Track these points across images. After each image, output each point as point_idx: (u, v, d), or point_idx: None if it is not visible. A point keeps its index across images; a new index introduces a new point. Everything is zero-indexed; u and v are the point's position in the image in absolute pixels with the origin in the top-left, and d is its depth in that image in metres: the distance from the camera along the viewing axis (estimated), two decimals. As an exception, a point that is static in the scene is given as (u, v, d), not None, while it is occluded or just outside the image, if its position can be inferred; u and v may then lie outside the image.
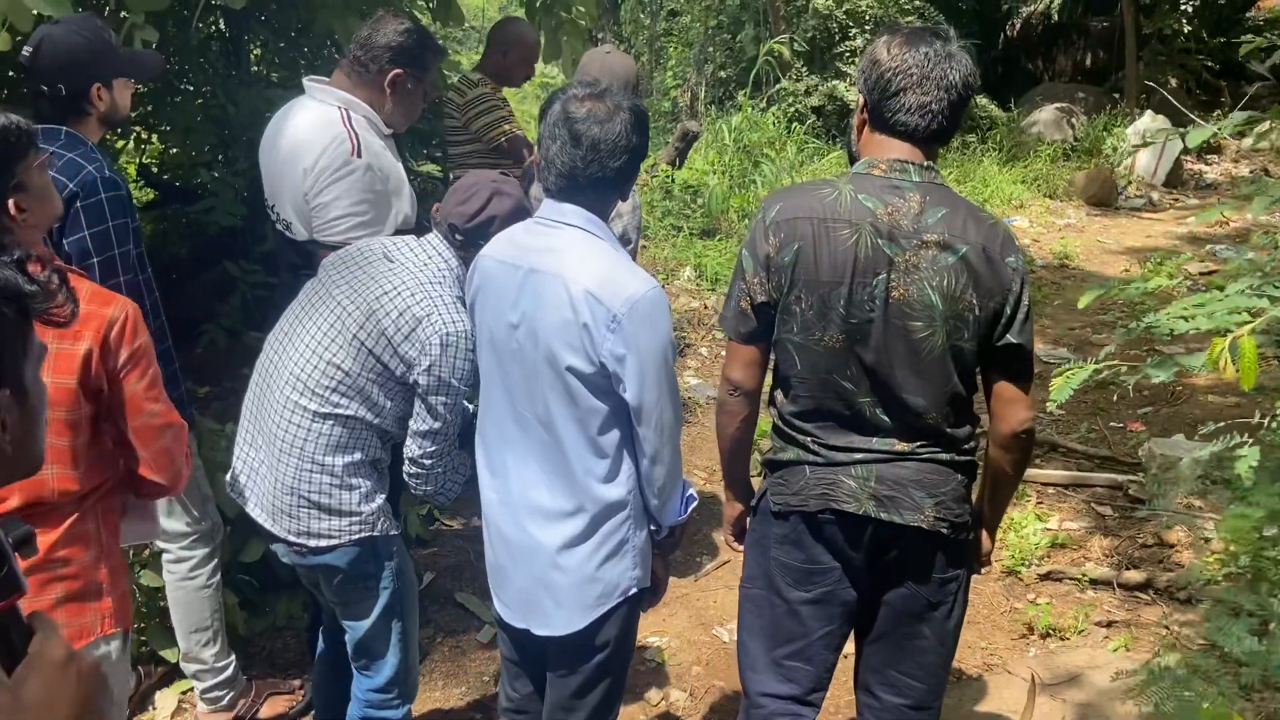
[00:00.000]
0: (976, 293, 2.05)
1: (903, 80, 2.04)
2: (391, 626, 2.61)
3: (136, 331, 2.03)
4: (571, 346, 2.07)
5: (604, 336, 2.04)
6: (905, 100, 2.05)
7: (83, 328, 1.95)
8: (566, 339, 2.07)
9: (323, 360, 2.41)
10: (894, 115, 2.07)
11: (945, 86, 2.04)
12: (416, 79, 3.04)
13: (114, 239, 2.59)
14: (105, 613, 2.07)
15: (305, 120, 2.97)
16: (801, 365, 2.14)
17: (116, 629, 2.10)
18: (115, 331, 1.99)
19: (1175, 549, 4.18)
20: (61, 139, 2.62)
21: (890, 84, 2.06)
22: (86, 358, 1.96)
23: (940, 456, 2.17)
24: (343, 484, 2.45)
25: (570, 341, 2.06)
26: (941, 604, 2.26)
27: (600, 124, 2.06)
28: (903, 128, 2.08)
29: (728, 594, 3.94)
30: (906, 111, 2.06)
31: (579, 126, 2.06)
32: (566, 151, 2.07)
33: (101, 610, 2.06)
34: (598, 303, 2.04)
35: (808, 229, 2.07)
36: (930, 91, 2.04)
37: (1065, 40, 15.13)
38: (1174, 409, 5.57)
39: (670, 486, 2.22)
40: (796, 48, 11.88)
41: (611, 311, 2.03)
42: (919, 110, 2.05)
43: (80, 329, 1.95)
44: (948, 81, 2.04)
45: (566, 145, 2.07)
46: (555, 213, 2.15)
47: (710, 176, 9.50)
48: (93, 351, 1.96)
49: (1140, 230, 9.71)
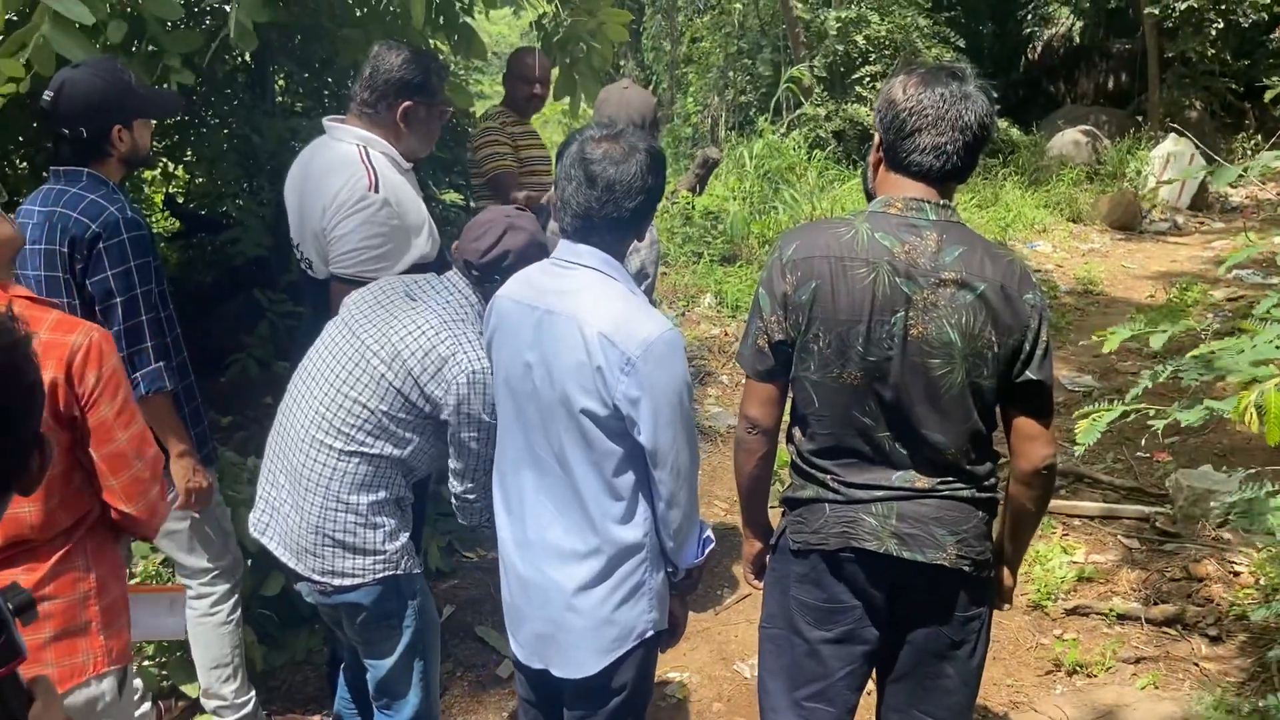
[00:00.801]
0: (995, 330, 2.04)
1: (918, 121, 2.04)
2: (413, 666, 2.61)
3: (103, 357, 2.00)
4: (586, 389, 2.06)
5: (618, 379, 2.03)
6: (920, 141, 2.05)
7: (46, 357, 1.91)
8: (581, 382, 2.06)
9: (348, 399, 2.42)
10: (909, 155, 2.07)
11: (960, 127, 2.04)
12: (427, 105, 3.05)
13: (136, 278, 2.61)
14: (98, 651, 2.03)
15: (325, 159, 3.00)
16: (820, 403, 2.13)
17: (111, 667, 2.05)
18: (80, 358, 1.97)
19: (1205, 583, 4.12)
20: (83, 180, 2.64)
21: (905, 124, 2.06)
22: (53, 387, 1.93)
23: (961, 493, 2.15)
24: (367, 522, 2.45)
25: (584, 384, 2.06)
26: (964, 642, 2.24)
27: (616, 165, 2.06)
28: (917, 168, 2.08)
29: (749, 629, 3.90)
30: (921, 152, 2.06)
31: (595, 168, 2.06)
32: (582, 192, 2.08)
33: (94, 649, 2.02)
34: (612, 345, 2.03)
35: (825, 267, 2.06)
36: (945, 133, 2.04)
37: (1087, 63, 15.11)
38: (1201, 438, 5.50)
39: (687, 529, 2.21)
40: (816, 74, 11.90)
41: (625, 354, 2.03)
42: (933, 151, 2.05)
43: (44, 358, 1.90)
44: (963, 122, 2.04)
45: (582, 186, 2.07)
46: (570, 254, 2.15)
47: (731, 203, 9.52)
48: (58, 380, 1.94)
49: (1165, 255, 9.65)
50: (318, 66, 5.83)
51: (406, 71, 2.97)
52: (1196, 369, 2.04)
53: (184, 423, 2.78)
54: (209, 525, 2.94)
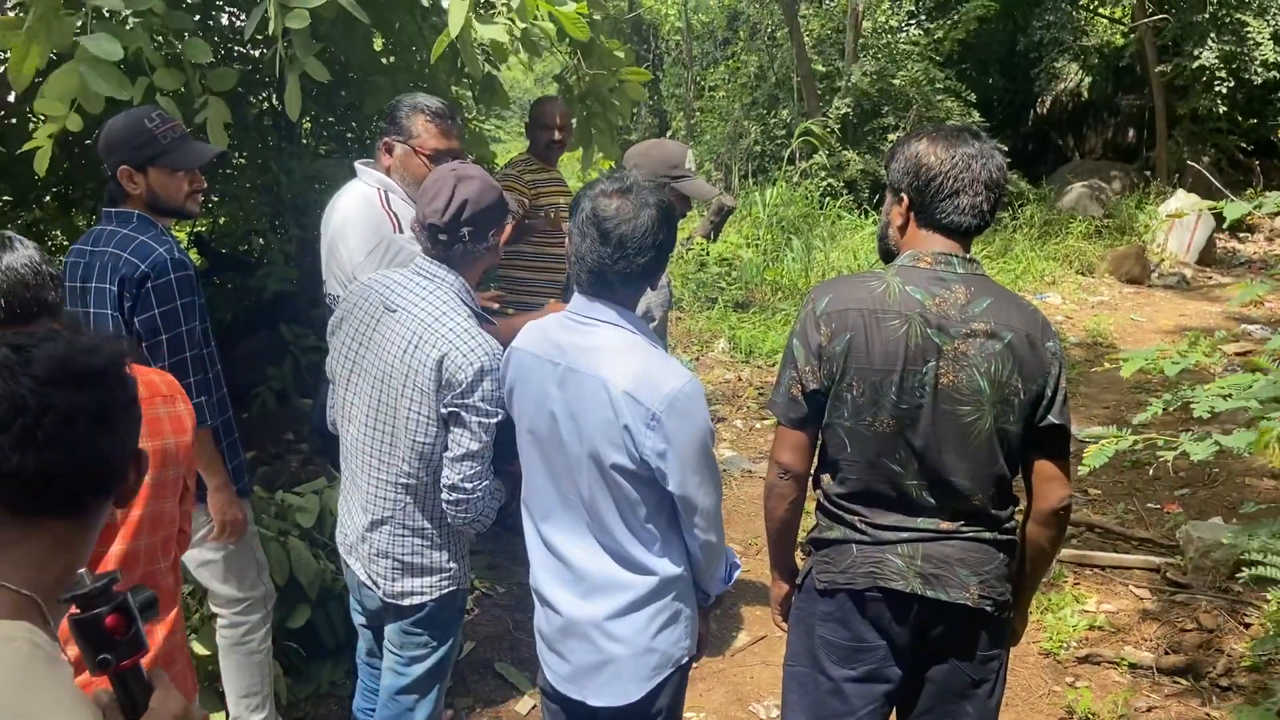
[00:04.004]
0: (1021, 377, 2.13)
1: (955, 184, 2.15)
2: (435, 685, 2.72)
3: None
4: (615, 445, 2.14)
5: (645, 435, 2.11)
6: (959, 202, 2.16)
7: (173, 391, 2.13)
8: (610, 438, 2.14)
9: (382, 434, 2.50)
10: (947, 216, 2.18)
11: (990, 185, 2.17)
12: (402, 142, 3.15)
13: (181, 317, 2.71)
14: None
15: (349, 203, 3.16)
16: (852, 449, 2.21)
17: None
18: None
19: (1216, 634, 4.15)
20: (134, 222, 2.74)
21: (943, 186, 2.16)
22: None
23: (983, 535, 2.23)
24: (433, 544, 2.56)
25: (614, 440, 2.14)
26: (984, 681, 2.30)
27: (628, 222, 2.13)
28: (955, 226, 2.19)
29: (764, 670, 3.94)
30: (959, 212, 2.17)
31: (607, 225, 2.13)
32: (595, 249, 2.15)
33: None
34: (636, 403, 2.10)
35: (858, 320, 2.16)
36: (980, 192, 2.16)
37: (1096, 118, 15.27)
38: (1211, 491, 5.55)
39: (717, 561, 2.31)
40: (829, 126, 12.06)
41: (650, 410, 2.10)
42: (971, 211, 2.17)
43: (171, 392, 2.12)
44: (992, 181, 2.17)
45: (595, 243, 2.15)
46: (587, 309, 2.22)
47: (744, 250, 9.63)
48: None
49: (1174, 308, 9.72)
50: (344, 111, 5.97)
51: (391, 108, 3.17)
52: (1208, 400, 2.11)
53: (222, 456, 2.86)
54: (243, 556, 3.00)
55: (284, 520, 3.67)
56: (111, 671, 1.22)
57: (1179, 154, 13.17)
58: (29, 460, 1.17)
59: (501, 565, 4.64)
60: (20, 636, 1.13)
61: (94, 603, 1.22)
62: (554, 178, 4.73)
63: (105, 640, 1.21)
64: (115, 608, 1.23)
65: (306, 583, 3.49)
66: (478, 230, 2.49)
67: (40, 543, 1.20)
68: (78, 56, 2.91)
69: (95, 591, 1.22)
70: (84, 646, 1.22)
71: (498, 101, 5.09)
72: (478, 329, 2.43)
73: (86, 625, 1.21)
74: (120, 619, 1.22)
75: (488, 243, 2.54)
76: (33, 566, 1.19)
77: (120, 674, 1.23)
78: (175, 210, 2.83)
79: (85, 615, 1.22)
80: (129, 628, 1.23)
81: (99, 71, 2.91)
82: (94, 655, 1.22)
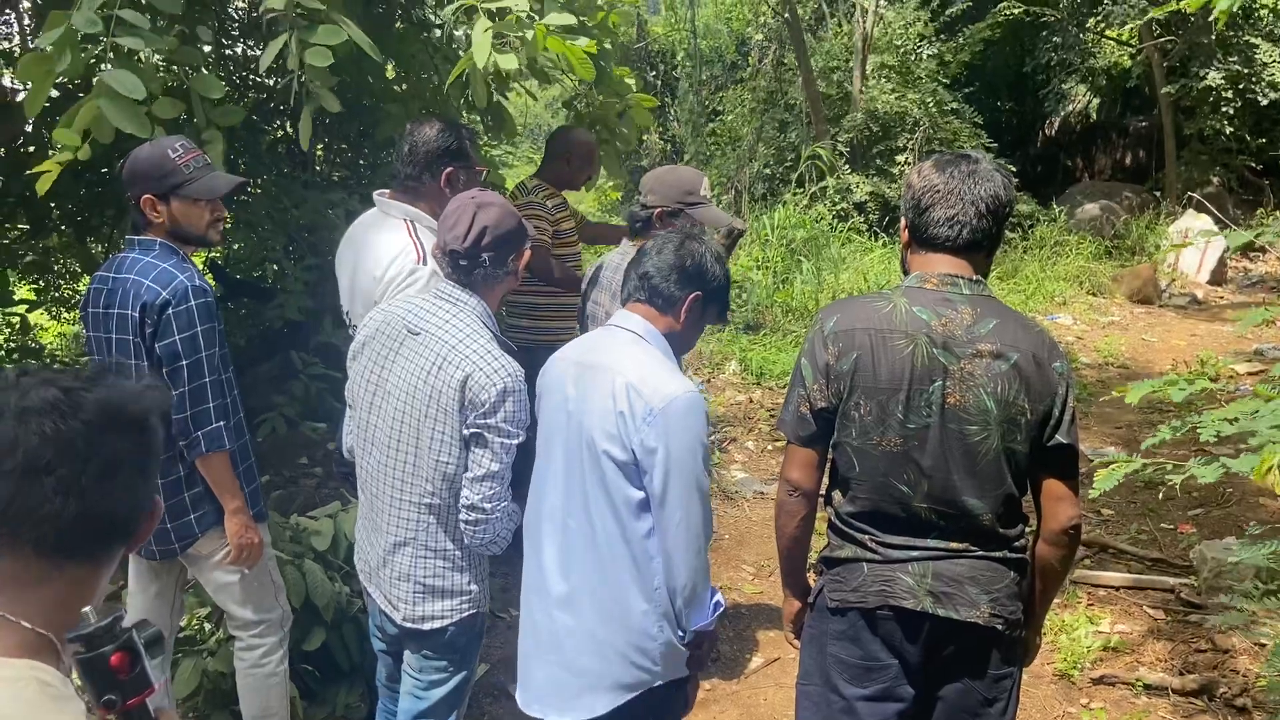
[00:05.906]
0: (1028, 397, 2.15)
1: (931, 197, 2.24)
2: (450, 715, 2.72)
3: None
4: (609, 434, 2.24)
5: (638, 427, 2.21)
6: (934, 214, 2.23)
7: None
8: (605, 425, 2.25)
9: (405, 455, 2.52)
10: (927, 230, 2.25)
11: (971, 200, 2.21)
12: (466, 170, 3.21)
13: (201, 343, 2.75)
14: None
15: (375, 233, 3.17)
16: (860, 468, 2.23)
17: None
18: None
19: (1231, 654, 4.14)
20: (156, 249, 2.79)
21: (921, 202, 2.25)
22: None
23: (993, 554, 2.25)
24: (455, 566, 2.58)
25: (608, 428, 2.24)
26: (996, 700, 2.31)
27: (704, 259, 2.42)
28: (936, 240, 2.25)
29: (777, 692, 3.94)
30: (936, 225, 2.23)
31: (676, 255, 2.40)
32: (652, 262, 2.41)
33: None
34: (638, 395, 2.22)
35: (865, 339, 2.19)
36: (956, 205, 2.22)
37: (1104, 139, 15.30)
38: (1225, 511, 5.54)
39: (693, 590, 2.30)
40: (839, 149, 12.11)
41: (649, 405, 2.21)
42: (947, 222, 2.22)
43: None
44: (974, 195, 2.21)
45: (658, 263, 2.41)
46: (620, 319, 2.40)
47: (755, 272, 9.66)
48: None
49: (1185, 329, 9.71)
50: (355, 139, 6.04)
51: (443, 140, 3.15)
52: (1215, 425, 2.13)
53: (239, 480, 2.90)
54: (260, 579, 3.03)
55: (299, 544, 3.69)
56: (117, 711, 1.21)
57: (1188, 174, 13.18)
58: (70, 506, 1.17)
59: (515, 588, 4.64)
60: (26, 676, 1.13)
61: (99, 641, 1.21)
62: (562, 202, 4.76)
63: (110, 679, 1.20)
64: (120, 646, 1.21)
65: (322, 606, 3.51)
66: (498, 255, 2.54)
67: (61, 584, 1.20)
68: (96, 90, 2.95)
69: (100, 630, 1.21)
70: (89, 685, 1.21)
71: (505, 130, 5.13)
72: (500, 351, 2.48)
73: (92, 664, 1.20)
74: (125, 657, 1.21)
75: (507, 268, 2.59)
76: (52, 607, 1.19)
77: (126, 713, 1.22)
78: (197, 239, 2.88)
79: (90, 654, 1.20)
80: (134, 666, 1.22)
81: (118, 106, 2.94)
82: (99, 694, 1.21)
